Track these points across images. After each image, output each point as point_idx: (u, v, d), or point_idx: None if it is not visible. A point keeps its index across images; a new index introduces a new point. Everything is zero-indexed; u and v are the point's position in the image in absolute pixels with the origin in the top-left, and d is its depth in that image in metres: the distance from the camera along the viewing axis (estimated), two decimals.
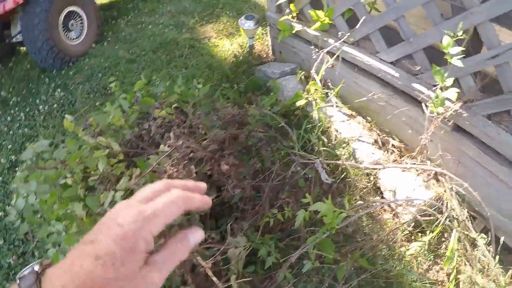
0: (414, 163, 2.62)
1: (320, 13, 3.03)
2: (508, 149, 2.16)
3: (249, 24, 3.69)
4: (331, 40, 3.04)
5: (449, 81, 2.14)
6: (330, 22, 3.02)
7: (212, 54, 4.26)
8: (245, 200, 2.34)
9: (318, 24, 3.04)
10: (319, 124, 2.73)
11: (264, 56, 4.06)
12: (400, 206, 2.55)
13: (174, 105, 2.31)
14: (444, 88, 2.18)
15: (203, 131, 2.26)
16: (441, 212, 2.30)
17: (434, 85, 2.33)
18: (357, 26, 2.82)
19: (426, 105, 2.40)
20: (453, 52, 2.05)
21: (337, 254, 2.20)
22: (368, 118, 3.03)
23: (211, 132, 2.26)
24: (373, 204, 2.51)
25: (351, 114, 3.08)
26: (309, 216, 2.08)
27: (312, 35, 3.22)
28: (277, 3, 3.43)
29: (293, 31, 3.33)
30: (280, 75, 3.46)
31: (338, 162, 2.52)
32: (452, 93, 2.11)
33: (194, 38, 4.64)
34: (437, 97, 2.19)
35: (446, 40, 2.08)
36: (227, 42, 4.40)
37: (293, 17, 3.41)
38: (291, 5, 3.36)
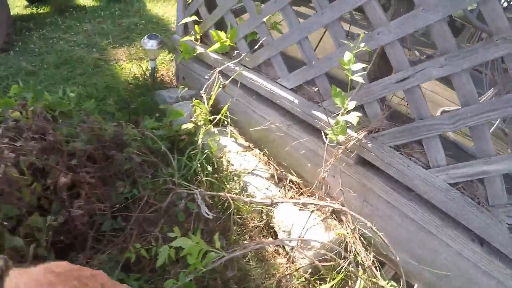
0: (308, 199, 1.99)
1: (222, 34, 2.41)
2: (420, 184, 1.63)
3: (152, 44, 3.00)
4: (232, 65, 2.42)
5: (351, 105, 1.55)
6: (231, 44, 2.41)
7: (115, 76, 3.49)
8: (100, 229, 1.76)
9: (217, 45, 2.40)
10: (205, 151, 2.04)
11: (169, 81, 3.36)
12: (294, 248, 1.90)
13: (31, 108, 1.92)
14: (345, 114, 1.59)
15: (52, 138, 1.76)
16: (343, 257, 1.75)
17: (337, 114, 1.75)
18: (256, 47, 2.23)
19: (325, 134, 1.79)
20: (355, 68, 1.48)
21: None
22: (266, 150, 2.39)
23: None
24: (260, 244, 1.83)
25: (248, 146, 2.43)
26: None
27: (213, 58, 2.59)
28: (182, 22, 2.78)
29: (195, 53, 2.69)
30: (176, 100, 2.76)
31: (220, 194, 1.82)
32: (353, 117, 1.52)
33: (102, 58, 3.86)
34: (337, 123, 1.59)
35: (347, 56, 1.52)
36: (134, 66, 3.66)
37: (196, 40, 2.77)
38: (196, 27, 2.72)
